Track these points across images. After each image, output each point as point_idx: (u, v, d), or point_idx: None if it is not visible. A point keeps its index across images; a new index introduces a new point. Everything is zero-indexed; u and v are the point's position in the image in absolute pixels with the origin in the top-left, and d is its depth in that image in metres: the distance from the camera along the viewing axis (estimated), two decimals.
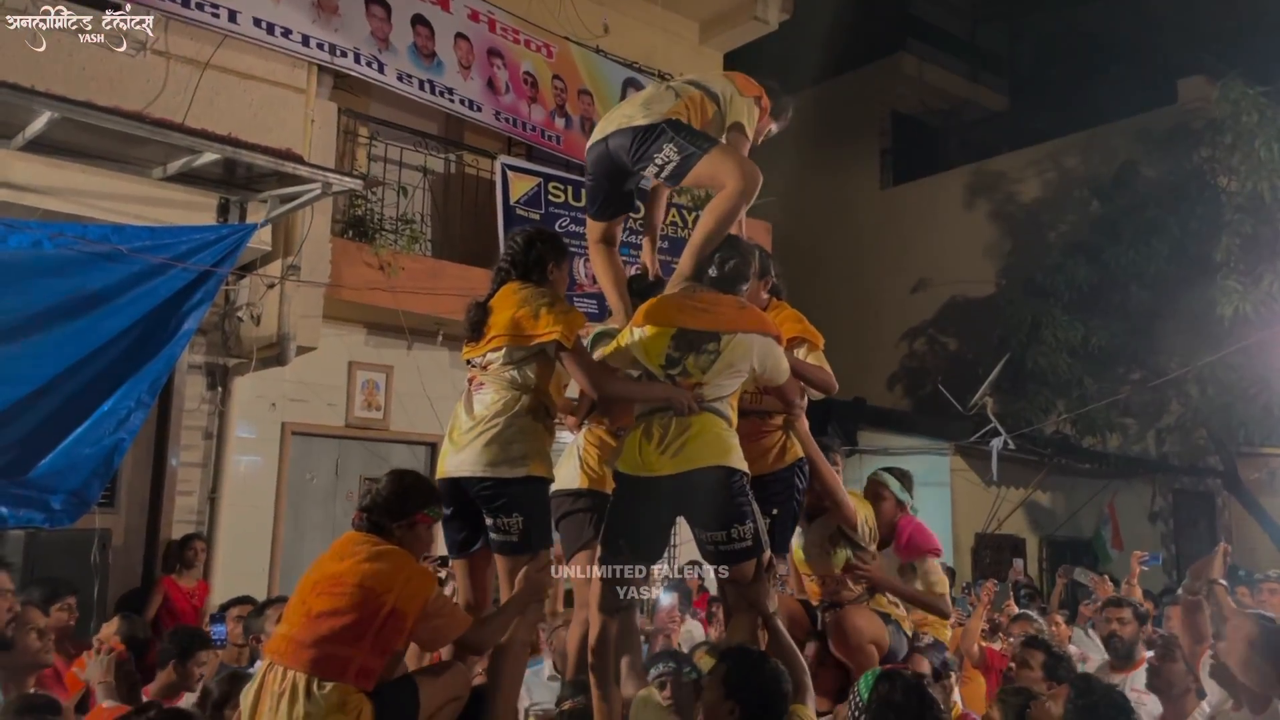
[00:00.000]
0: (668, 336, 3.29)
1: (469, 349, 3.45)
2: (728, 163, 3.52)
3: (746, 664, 2.79)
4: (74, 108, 5.52)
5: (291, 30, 6.94)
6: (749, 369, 3.35)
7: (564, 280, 3.58)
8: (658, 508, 3.26)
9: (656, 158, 3.50)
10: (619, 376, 3.39)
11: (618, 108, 3.76)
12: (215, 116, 6.59)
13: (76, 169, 6.08)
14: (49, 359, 5.57)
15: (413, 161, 8.25)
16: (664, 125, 3.51)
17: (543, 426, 3.37)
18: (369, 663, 2.80)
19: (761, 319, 3.43)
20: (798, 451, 3.81)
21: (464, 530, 3.34)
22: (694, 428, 3.22)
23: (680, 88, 3.68)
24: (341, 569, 2.89)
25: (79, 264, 5.54)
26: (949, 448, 12.61)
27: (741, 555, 3.21)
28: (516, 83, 8.44)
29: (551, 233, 3.70)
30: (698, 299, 3.39)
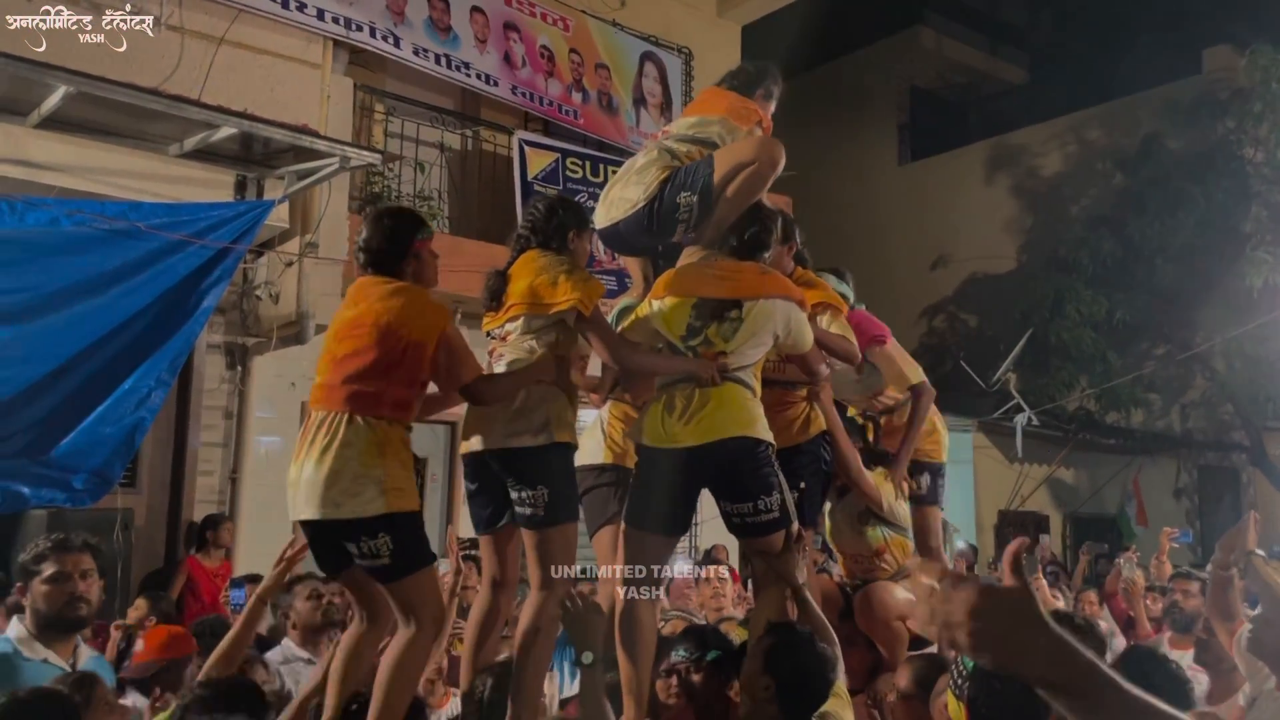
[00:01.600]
0: (688, 306, 3.22)
1: (489, 319, 3.37)
2: (738, 148, 3.45)
3: (791, 642, 2.73)
4: (89, 82, 5.46)
5: (306, 4, 6.86)
6: (773, 336, 3.27)
7: (585, 250, 3.47)
8: (681, 480, 3.18)
9: (678, 214, 3.43)
10: (640, 348, 3.32)
11: (616, 187, 3.64)
12: (230, 92, 6.52)
13: (94, 146, 6.02)
14: (68, 337, 5.54)
15: (430, 138, 8.18)
16: (661, 190, 3.44)
17: (563, 393, 3.29)
18: (400, 393, 2.89)
19: (785, 284, 3.35)
20: (823, 423, 3.73)
21: (490, 505, 3.26)
22: (717, 398, 3.14)
23: (675, 147, 3.58)
24: (359, 312, 2.95)
25: (97, 241, 5.50)
26: (971, 425, 12.50)
27: (769, 527, 3.15)
28: (533, 57, 8.34)
29: (573, 201, 3.61)
30: (718, 267, 3.32)
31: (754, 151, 3.41)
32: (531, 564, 3.19)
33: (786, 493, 3.20)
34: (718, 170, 3.40)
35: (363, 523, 2.80)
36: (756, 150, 3.41)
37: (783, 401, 3.72)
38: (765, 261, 3.41)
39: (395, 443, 2.88)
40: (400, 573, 2.87)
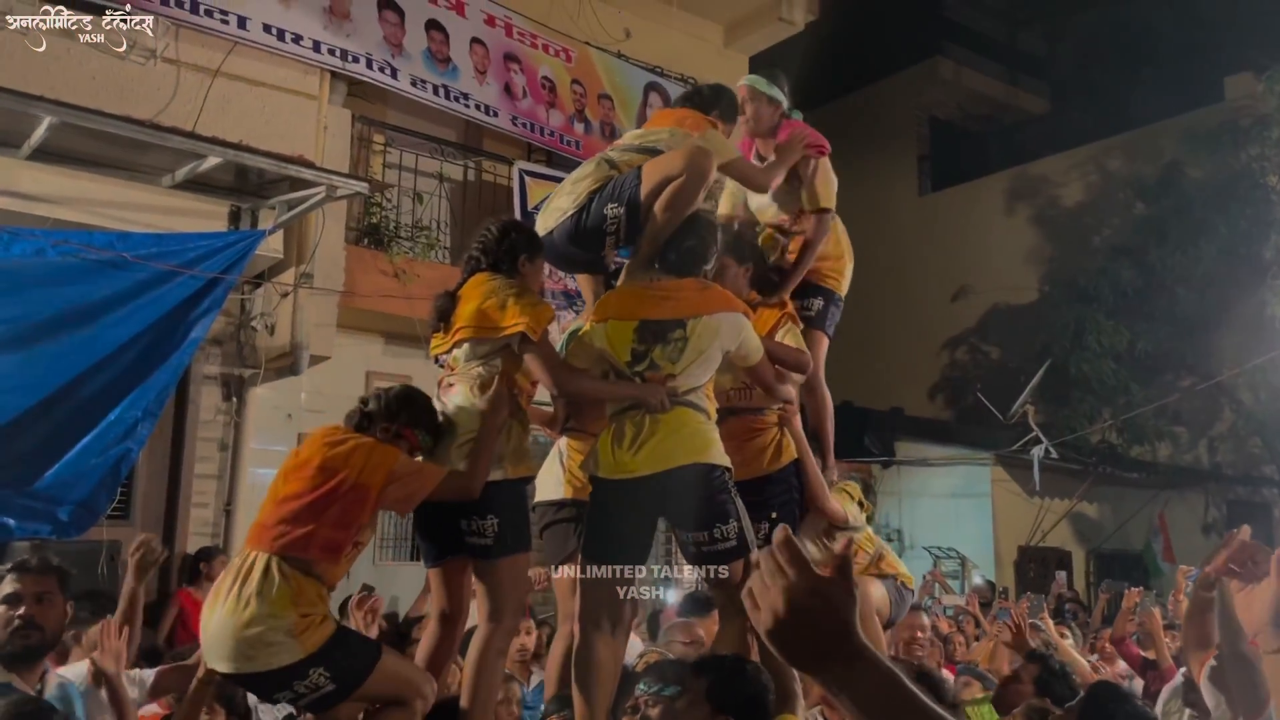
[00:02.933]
0: (630, 329, 3.12)
1: (437, 342, 3.29)
2: (666, 160, 3.32)
3: (728, 673, 2.60)
4: (76, 113, 5.48)
5: (302, 36, 6.88)
6: (721, 352, 3.16)
7: (537, 275, 3.38)
8: (636, 511, 3.07)
9: (605, 225, 3.32)
10: (583, 374, 3.21)
11: (554, 197, 3.55)
12: (227, 124, 6.55)
13: (86, 178, 6.04)
14: (55, 368, 5.52)
15: (430, 168, 8.16)
16: (586, 201, 3.34)
17: (517, 424, 3.20)
18: (332, 535, 2.83)
19: (726, 297, 3.23)
20: (794, 451, 3.60)
21: (439, 538, 3.17)
22: (668, 424, 3.04)
23: (619, 158, 3.46)
24: (306, 455, 2.94)
25: (84, 272, 5.49)
26: (989, 458, 12.27)
27: (727, 556, 3.02)
28: (534, 87, 8.33)
29: (526, 225, 3.53)
30: (656, 287, 3.20)
31: (682, 163, 3.29)
32: (480, 596, 3.10)
33: (745, 520, 3.07)
34: (645, 183, 3.30)
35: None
36: (685, 161, 3.29)
37: (751, 429, 3.60)
38: (706, 275, 3.30)
39: (310, 594, 2.81)
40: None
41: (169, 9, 6.34)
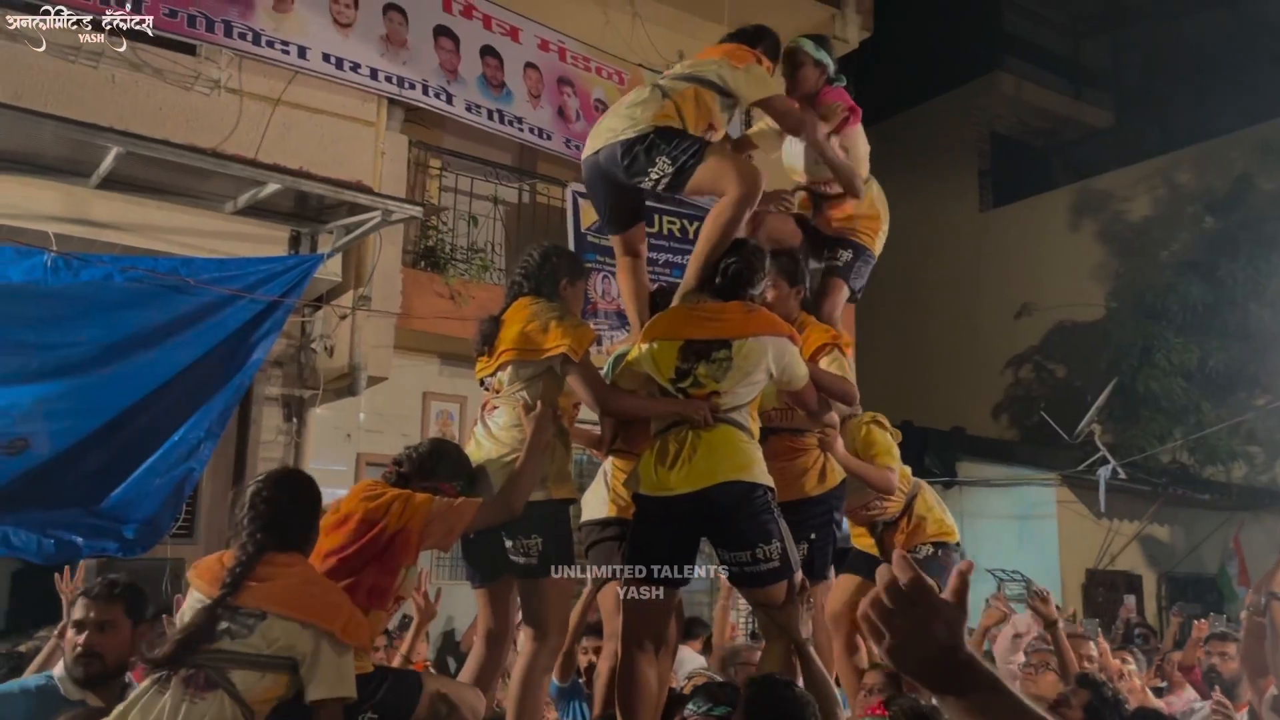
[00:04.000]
0: (675, 349, 3.14)
1: (481, 365, 3.35)
2: (725, 168, 3.35)
3: (769, 693, 2.58)
4: (141, 142, 5.66)
5: (360, 65, 7.03)
6: (766, 374, 3.16)
7: (578, 298, 3.46)
8: (678, 529, 3.07)
9: (650, 171, 3.34)
10: (625, 392, 3.23)
11: (605, 117, 3.58)
12: (287, 151, 6.72)
13: (152, 205, 6.23)
14: (121, 390, 5.69)
15: (485, 191, 8.28)
16: (653, 136, 3.33)
17: (560, 445, 3.23)
18: (378, 581, 2.86)
19: (772, 320, 3.24)
20: (838, 476, 3.57)
21: (485, 557, 3.20)
22: (710, 442, 3.04)
23: (670, 85, 3.48)
24: (347, 510, 2.97)
25: (149, 297, 5.66)
26: (1054, 478, 12.00)
27: (769, 577, 3.00)
28: (587, 110, 8.40)
29: (568, 250, 3.59)
30: (702, 309, 3.24)
31: (736, 184, 3.33)
32: (525, 614, 3.12)
33: (788, 541, 3.05)
34: (699, 174, 3.32)
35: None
36: (738, 183, 3.33)
37: (791, 450, 3.60)
38: (754, 299, 3.30)
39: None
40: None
41: (233, 41, 6.53)
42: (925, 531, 4.12)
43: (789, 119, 3.70)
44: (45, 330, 5.42)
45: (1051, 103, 18.41)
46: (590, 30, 8.79)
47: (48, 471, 5.45)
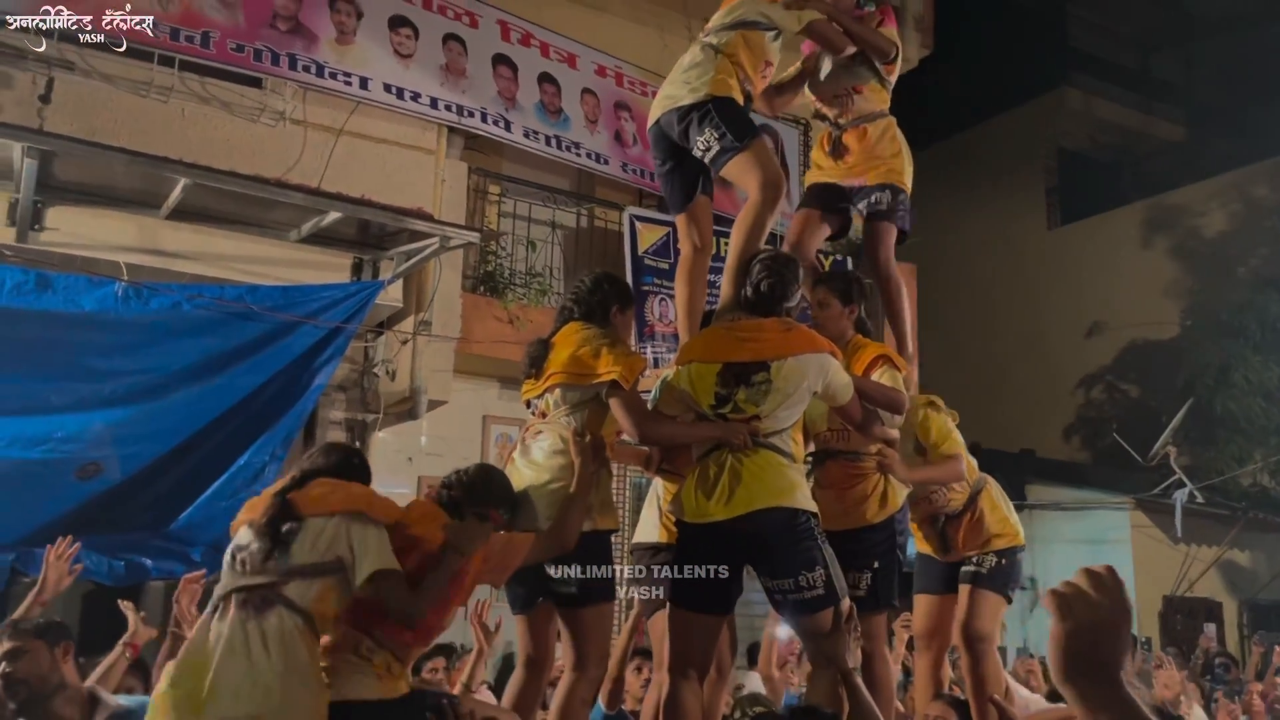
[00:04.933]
0: (713, 373, 3.08)
1: (528, 387, 3.35)
2: (753, 168, 3.37)
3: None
4: (208, 173, 5.81)
5: (420, 94, 7.16)
6: (809, 393, 3.10)
7: (628, 326, 3.46)
8: (720, 556, 3.02)
9: (699, 140, 3.40)
10: (665, 420, 3.19)
11: (665, 85, 3.62)
12: (350, 180, 6.86)
13: (219, 234, 6.40)
14: (189, 415, 5.82)
15: (543, 216, 8.34)
16: (710, 105, 3.39)
17: (604, 474, 3.22)
18: (427, 621, 2.79)
19: (811, 338, 3.17)
20: (900, 499, 3.49)
21: (526, 584, 3.20)
22: (751, 467, 2.99)
23: (718, 40, 3.53)
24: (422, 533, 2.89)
25: (215, 324, 5.80)
26: (1128, 502, 11.65)
27: (814, 604, 2.94)
28: (644, 134, 8.39)
29: (619, 278, 3.60)
30: (738, 328, 3.18)
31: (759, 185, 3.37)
32: (565, 644, 3.11)
33: (833, 567, 2.99)
34: (736, 164, 3.36)
35: None
36: (763, 185, 3.37)
37: (849, 475, 3.53)
38: (790, 313, 3.25)
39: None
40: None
41: (297, 73, 6.70)
42: (986, 529, 3.94)
43: (833, 42, 3.73)
44: (116, 357, 5.58)
45: (1121, 117, 18.02)
46: (647, 54, 8.83)
47: (118, 495, 5.60)
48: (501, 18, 7.87)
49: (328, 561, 2.58)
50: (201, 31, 6.35)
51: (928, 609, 4.10)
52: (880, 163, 3.88)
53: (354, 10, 6.99)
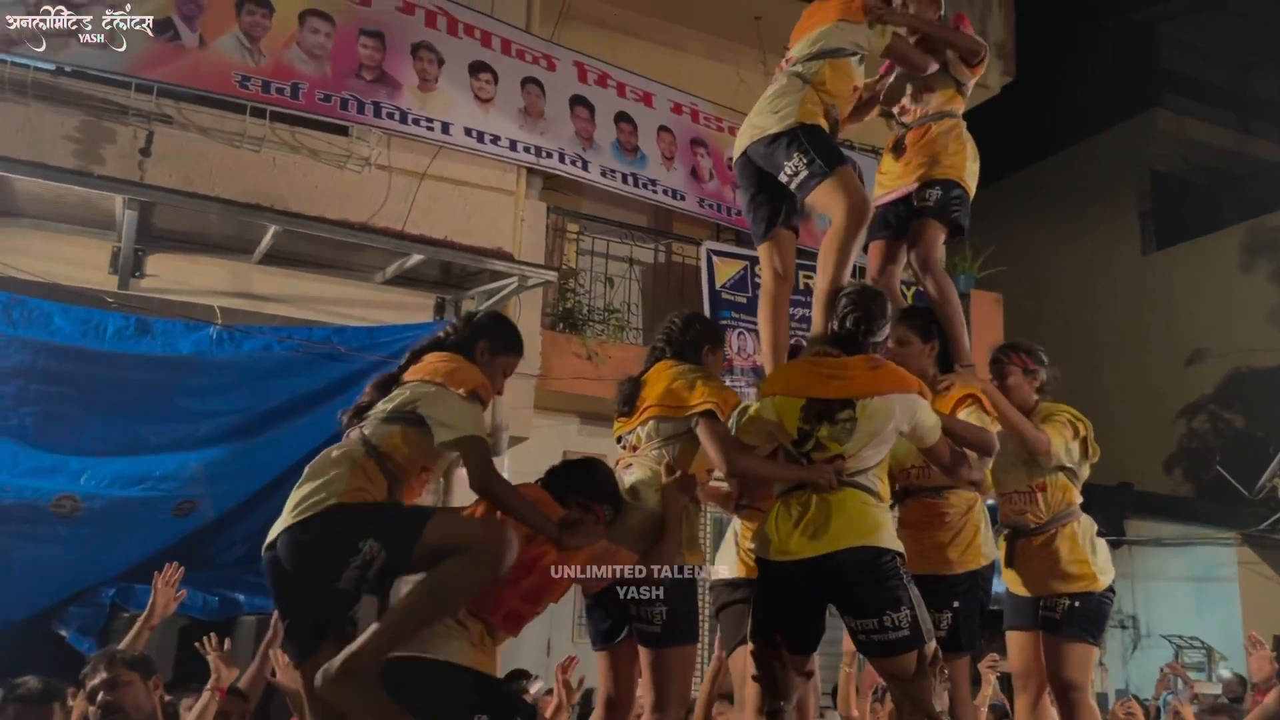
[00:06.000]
0: (797, 407, 3.04)
1: (620, 424, 3.39)
2: (836, 195, 3.37)
3: None
4: (298, 220, 6.02)
5: (500, 137, 7.31)
6: (895, 433, 3.04)
7: (719, 365, 3.47)
8: (802, 595, 2.97)
9: (786, 166, 3.41)
10: (753, 455, 3.17)
11: (751, 115, 3.64)
12: (432, 222, 7.04)
13: (308, 277, 6.62)
14: (279, 454, 5.98)
15: (620, 253, 8.43)
16: (797, 131, 3.41)
17: (693, 508, 3.21)
18: (518, 606, 2.84)
19: (898, 376, 3.10)
20: (982, 555, 3.39)
21: (608, 620, 3.20)
22: (833, 505, 2.93)
23: (806, 70, 3.54)
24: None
25: (304, 365, 5.99)
26: (1234, 537, 11.17)
27: (898, 646, 2.86)
28: (721, 169, 8.48)
29: (709, 319, 3.64)
30: (824, 364, 3.13)
31: (843, 211, 3.38)
32: (646, 684, 3.10)
33: (919, 608, 2.91)
34: (821, 191, 3.38)
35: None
36: (846, 210, 3.38)
37: (932, 515, 3.44)
38: (876, 347, 3.20)
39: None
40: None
41: (382, 121, 6.91)
42: (1061, 564, 3.74)
43: (913, 61, 3.74)
44: (211, 398, 5.80)
45: (1216, 137, 17.46)
46: (723, 90, 8.89)
47: (212, 532, 5.79)
48: (578, 59, 8.02)
49: (404, 411, 2.84)
50: (291, 83, 6.60)
51: (1020, 646, 3.96)
52: (937, 158, 3.81)
53: (435, 58, 7.19)
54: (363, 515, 2.69)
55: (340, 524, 2.66)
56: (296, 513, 2.68)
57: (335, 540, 2.65)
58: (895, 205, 3.90)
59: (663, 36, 9.22)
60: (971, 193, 3.86)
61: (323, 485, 2.68)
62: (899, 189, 3.89)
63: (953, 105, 3.88)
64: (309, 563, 2.69)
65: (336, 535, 2.65)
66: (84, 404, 5.45)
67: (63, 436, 5.39)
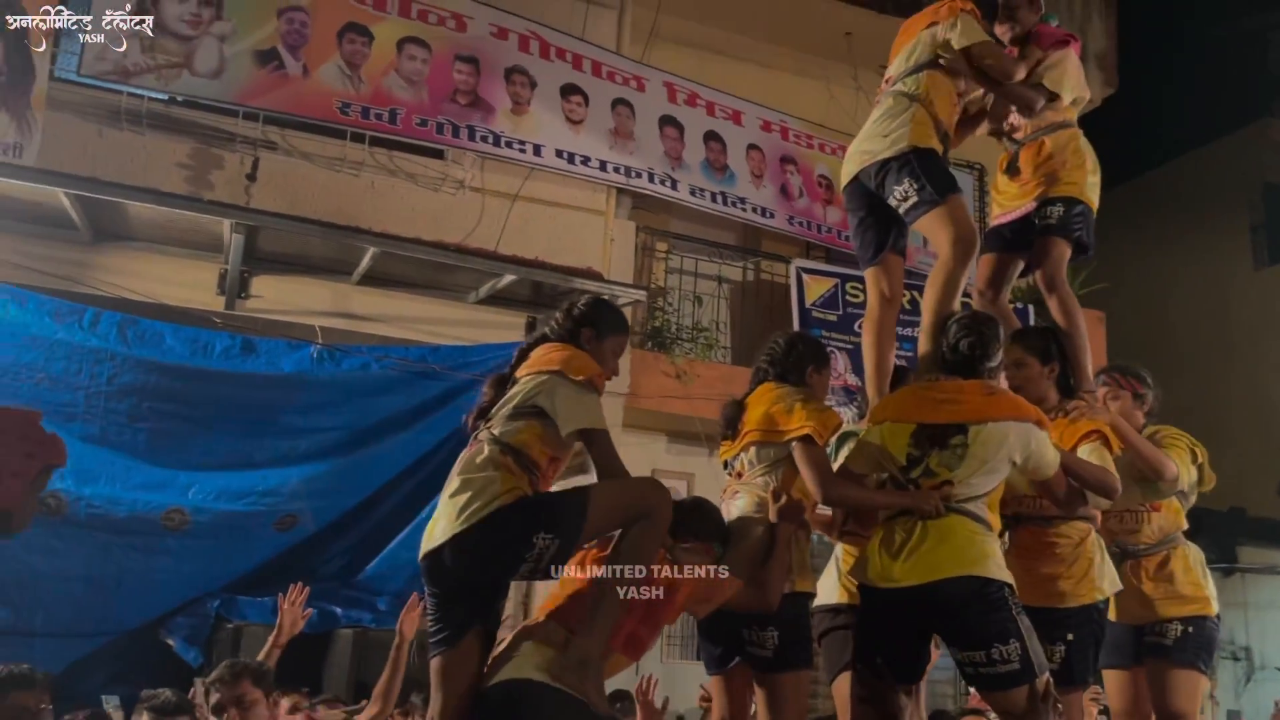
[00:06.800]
0: (907, 433, 2.97)
1: (725, 448, 3.37)
2: (944, 225, 3.31)
3: None
4: (395, 242, 6.17)
5: (590, 158, 7.39)
6: (1008, 463, 2.94)
7: (824, 386, 3.41)
8: (905, 623, 2.90)
9: (897, 190, 3.35)
10: (850, 482, 3.10)
11: (859, 141, 3.56)
12: (524, 243, 7.15)
13: (404, 298, 6.78)
14: (376, 470, 6.14)
15: (709, 271, 8.42)
16: (909, 155, 3.34)
17: (802, 534, 3.18)
18: (636, 630, 2.82)
19: (1016, 403, 3.01)
20: (1103, 590, 3.27)
21: (721, 644, 3.18)
22: (939, 532, 2.85)
23: (909, 87, 3.47)
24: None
25: (401, 383, 6.12)
26: None
27: (1007, 680, 2.76)
28: (810, 186, 8.42)
29: (814, 338, 3.59)
30: (937, 389, 3.05)
31: (950, 242, 3.31)
32: (760, 709, 3.08)
33: (1031, 640, 2.79)
34: (930, 220, 3.33)
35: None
36: (953, 241, 3.32)
37: (1040, 544, 3.29)
38: (992, 374, 3.11)
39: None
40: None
41: (476, 144, 7.05)
42: (1177, 586, 3.63)
43: (1000, 66, 3.56)
44: (312, 415, 5.96)
45: None
46: (814, 107, 8.85)
47: (312, 546, 5.93)
48: (668, 79, 8.06)
49: (527, 405, 2.85)
50: (389, 109, 6.78)
51: (1120, 686, 3.80)
52: (1056, 175, 3.67)
53: (528, 81, 7.31)
54: (530, 511, 2.73)
55: (510, 524, 2.69)
56: (462, 520, 2.70)
57: (508, 540, 2.69)
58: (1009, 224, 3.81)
59: (752, 54, 9.22)
60: (1095, 207, 3.73)
61: (480, 490, 2.72)
62: (1017, 209, 3.77)
63: (1066, 114, 3.74)
64: (483, 565, 2.73)
65: (509, 535, 2.69)
66: (192, 420, 5.64)
67: (172, 452, 5.59)
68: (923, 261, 8.66)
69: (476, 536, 2.67)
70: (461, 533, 2.68)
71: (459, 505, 2.71)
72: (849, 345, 7.69)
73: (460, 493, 2.74)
